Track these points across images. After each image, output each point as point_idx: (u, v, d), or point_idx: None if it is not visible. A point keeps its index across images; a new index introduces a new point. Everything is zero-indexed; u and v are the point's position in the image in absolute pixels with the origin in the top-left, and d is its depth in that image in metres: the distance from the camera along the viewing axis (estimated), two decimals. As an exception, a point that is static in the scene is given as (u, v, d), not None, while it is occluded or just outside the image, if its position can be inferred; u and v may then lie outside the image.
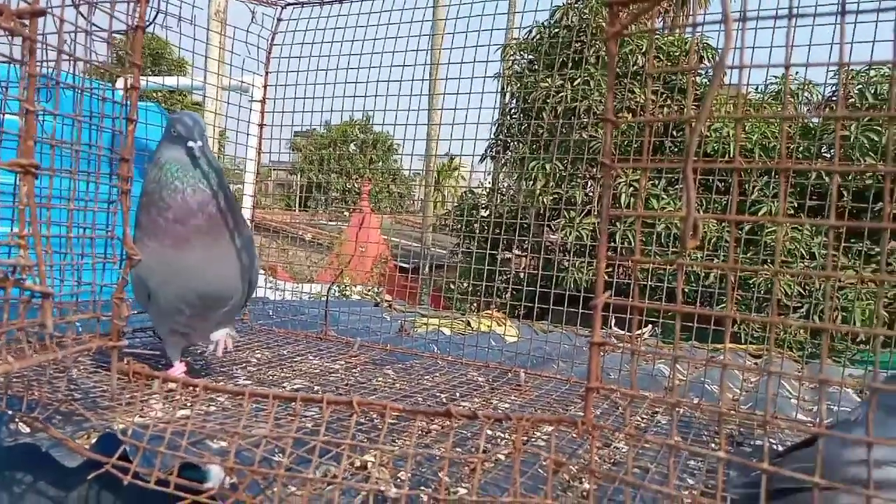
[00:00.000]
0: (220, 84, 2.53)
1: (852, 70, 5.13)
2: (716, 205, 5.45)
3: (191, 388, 0.98)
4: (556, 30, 6.35)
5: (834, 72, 4.80)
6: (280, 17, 2.11)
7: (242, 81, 3.09)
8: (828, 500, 0.75)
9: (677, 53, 6.36)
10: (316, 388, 1.50)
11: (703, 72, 6.41)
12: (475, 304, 4.45)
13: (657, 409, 1.54)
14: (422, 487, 0.97)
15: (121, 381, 1.19)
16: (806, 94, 5.75)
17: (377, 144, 15.59)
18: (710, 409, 1.51)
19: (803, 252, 5.29)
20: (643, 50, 6.39)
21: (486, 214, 5.59)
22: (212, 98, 2.42)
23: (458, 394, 1.55)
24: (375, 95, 2.19)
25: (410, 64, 2.14)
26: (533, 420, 0.81)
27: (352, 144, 15.43)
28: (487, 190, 6.50)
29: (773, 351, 2.44)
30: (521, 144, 6.06)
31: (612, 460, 1.23)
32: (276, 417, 1.20)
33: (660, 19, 7.70)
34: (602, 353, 2.28)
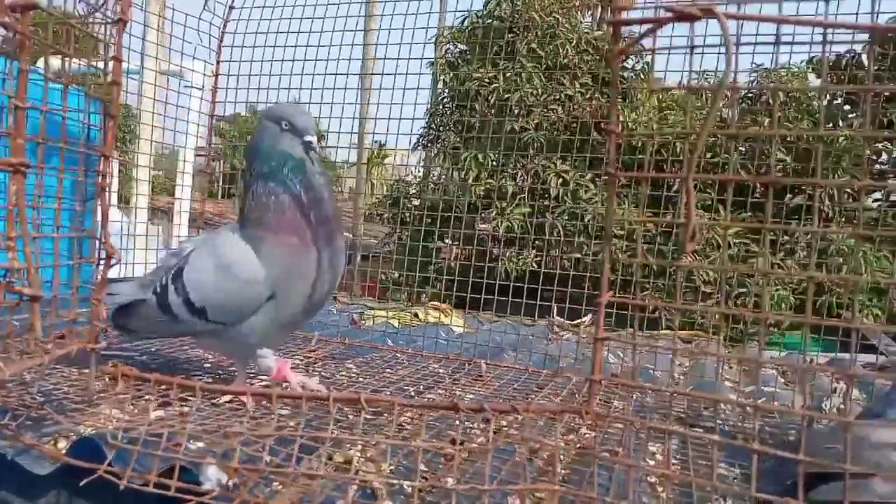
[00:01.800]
0: (159, 69, 2.44)
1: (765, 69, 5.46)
2: (638, 195, 5.67)
3: (185, 389, 0.97)
4: (489, 20, 6.41)
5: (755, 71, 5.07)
6: (232, 4, 2.06)
7: (181, 66, 2.98)
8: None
9: (605, 48, 6.53)
10: (284, 385, 1.50)
11: (629, 66, 6.63)
12: (408, 294, 4.48)
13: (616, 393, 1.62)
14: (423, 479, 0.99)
15: (106, 383, 1.16)
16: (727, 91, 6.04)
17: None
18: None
19: (719, 242, 5.59)
20: (573, 43, 6.54)
21: (417, 204, 5.61)
22: (150, 83, 2.34)
23: (422, 386, 1.59)
24: (302, 87, 2.17)
25: (346, 56, 2.13)
26: (539, 410, 0.85)
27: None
28: (419, 179, 6.52)
29: (705, 337, 2.60)
30: (453, 134, 6.10)
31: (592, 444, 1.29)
32: (254, 417, 1.20)
33: (588, 13, 7.88)
34: (551, 342, 2.35)
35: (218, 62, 2.08)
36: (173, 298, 1.28)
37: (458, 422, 1.31)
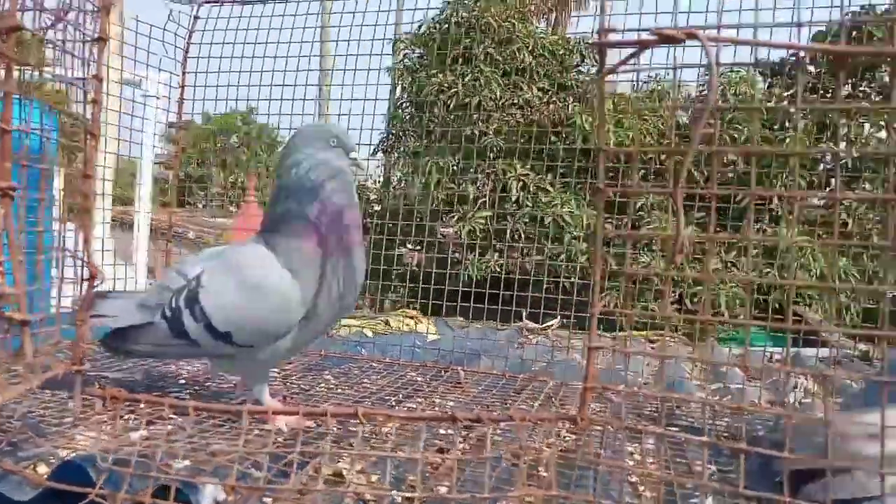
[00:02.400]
0: (121, 79, 2.39)
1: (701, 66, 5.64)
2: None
3: (174, 408, 0.96)
4: (447, 25, 6.44)
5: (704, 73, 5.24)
6: (197, 14, 2.03)
7: (138, 75, 2.93)
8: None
9: (562, 52, 6.65)
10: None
11: (584, 70, 6.77)
12: (370, 301, 4.47)
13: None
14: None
15: (92, 404, 1.13)
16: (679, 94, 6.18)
17: (261, 136, 15.06)
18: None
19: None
20: (530, 48, 6.62)
21: (378, 209, 5.60)
22: (115, 96, 2.29)
23: (402, 395, 1.60)
24: (260, 98, 2.16)
25: (304, 64, 2.14)
26: (534, 418, 0.88)
27: (234, 137, 14.78)
28: (380, 184, 6.50)
29: (670, 337, 2.67)
30: (412, 139, 6.11)
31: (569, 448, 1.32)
32: (231, 433, 1.19)
33: (543, 19, 7.98)
34: (522, 346, 2.39)
35: (184, 73, 2.05)
36: (190, 323, 1.23)
37: (441, 430, 1.33)
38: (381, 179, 6.47)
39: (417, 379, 1.77)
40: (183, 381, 1.65)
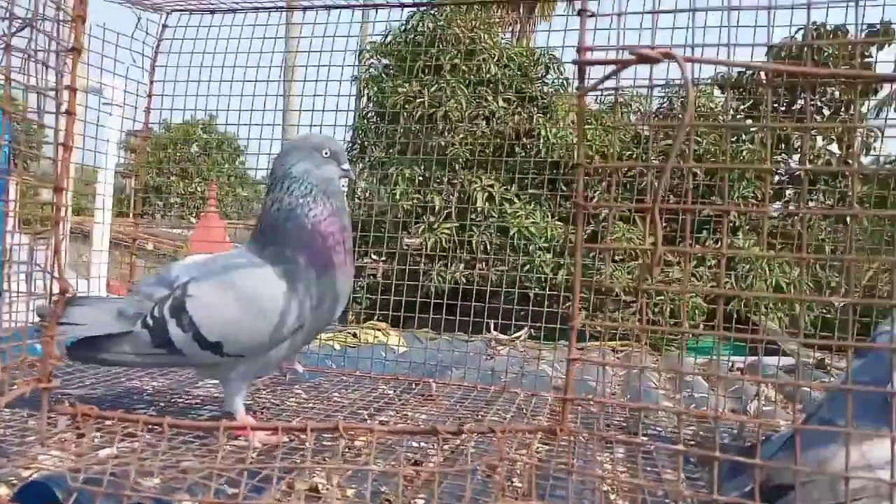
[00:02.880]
0: (87, 88, 2.33)
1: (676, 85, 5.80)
2: (560, 207, 5.86)
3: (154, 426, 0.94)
4: (412, 36, 6.47)
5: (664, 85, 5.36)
6: (165, 23, 2.01)
7: (101, 83, 2.86)
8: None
9: (526, 64, 6.74)
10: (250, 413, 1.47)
11: (549, 81, 6.87)
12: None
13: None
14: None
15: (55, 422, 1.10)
16: (637, 104, 6.30)
17: (222, 145, 14.82)
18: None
19: (637, 254, 5.82)
20: (495, 59, 6.69)
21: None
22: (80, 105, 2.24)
23: (373, 409, 1.59)
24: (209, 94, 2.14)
25: (269, 73, 2.13)
26: (514, 430, 0.88)
27: (194, 145, 14.52)
28: (345, 193, 6.44)
29: (638, 348, 2.71)
30: (377, 149, 6.11)
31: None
32: (213, 449, 1.17)
33: (509, 30, 8.07)
34: (494, 357, 2.41)
35: (152, 82, 2.02)
36: (177, 333, 1.21)
37: (414, 443, 1.33)
38: (346, 189, 6.41)
39: (389, 392, 1.77)
40: (149, 398, 1.62)
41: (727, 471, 1.10)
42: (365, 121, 6.74)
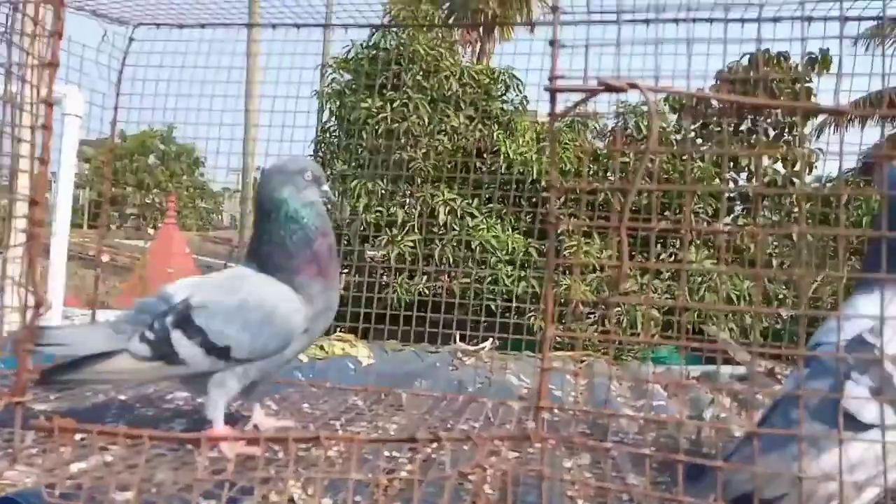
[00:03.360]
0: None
1: (629, 104, 5.99)
2: (520, 221, 5.94)
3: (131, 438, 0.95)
4: (375, 52, 6.51)
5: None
6: (132, 36, 2.01)
7: (63, 94, 2.82)
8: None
9: (487, 81, 6.85)
10: (207, 425, 1.47)
11: (508, 99, 6.99)
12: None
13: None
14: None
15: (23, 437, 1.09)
16: (594, 123, 6.46)
17: (181, 156, 14.58)
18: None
19: (595, 265, 5.95)
20: (457, 76, 6.79)
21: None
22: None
23: (344, 420, 1.61)
24: (176, 108, 2.15)
25: (233, 90, 2.15)
26: (491, 438, 0.92)
27: (151, 156, 14.25)
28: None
29: (599, 358, 2.79)
30: (340, 162, 6.12)
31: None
32: (186, 462, 1.18)
33: (468, 48, 8.19)
34: (459, 367, 2.44)
35: (118, 94, 2.01)
36: (183, 342, 1.27)
37: (386, 453, 1.36)
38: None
39: (359, 403, 1.79)
40: (116, 411, 1.61)
41: (687, 476, 1.16)
42: (327, 135, 6.75)
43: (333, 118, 6.84)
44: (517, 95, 6.82)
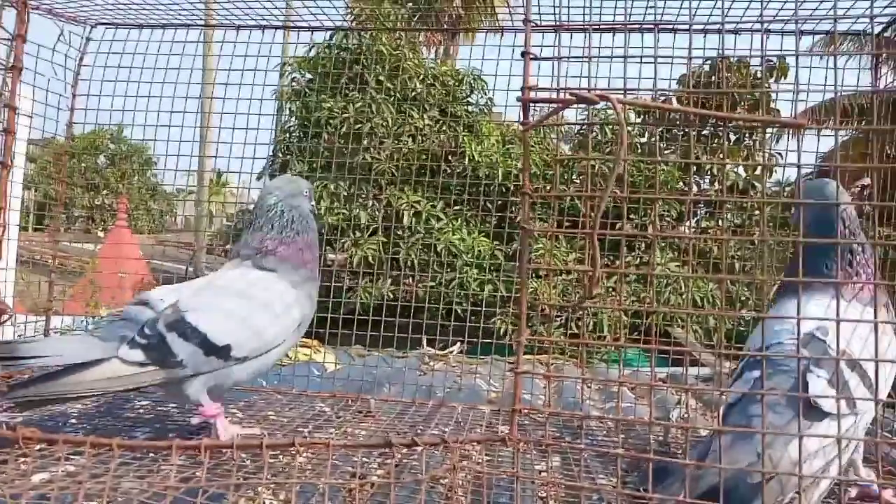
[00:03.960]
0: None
1: (595, 109, 6.07)
2: (486, 224, 5.96)
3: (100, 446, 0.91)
4: (337, 52, 6.46)
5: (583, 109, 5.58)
6: (90, 36, 1.95)
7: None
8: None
9: (451, 83, 6.86)
10: (171, 434, 1.44)
11: (473, 101, 7.02)
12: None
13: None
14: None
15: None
16: (562, 128, 6.54)
17: (132, 156, 14.20)
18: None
19: (561, 268, 6.00)
20: (420, 77, 6.78)
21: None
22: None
23: (312, 426, 1.59)
24: (135, 110, 2.10)
25: (189, 90, 2.11)
26: (465, 441, 0.92)
27: (101, 156, 13.85)
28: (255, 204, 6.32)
29: (558, 359, 2.81)
30: (301, 163, 6.05)
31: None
32: (152, 470, 1.15)
33: (433, 49, 8.19)
34: (427, 372, 2.44)
35: (74, 95, 1.95)
36: (180, 343, 1.29)
37: (355, 458, 1.34)
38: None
39: (326, 409, 1.77)
40: (74, 421, 1.56)
41: (656, 475, 1.18)
42: (287, 135, 6.66)
43: (294, 118, 6.76)
44: (482, 97, 6.85)
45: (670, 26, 1.66)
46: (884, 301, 1.17)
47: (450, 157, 6.18)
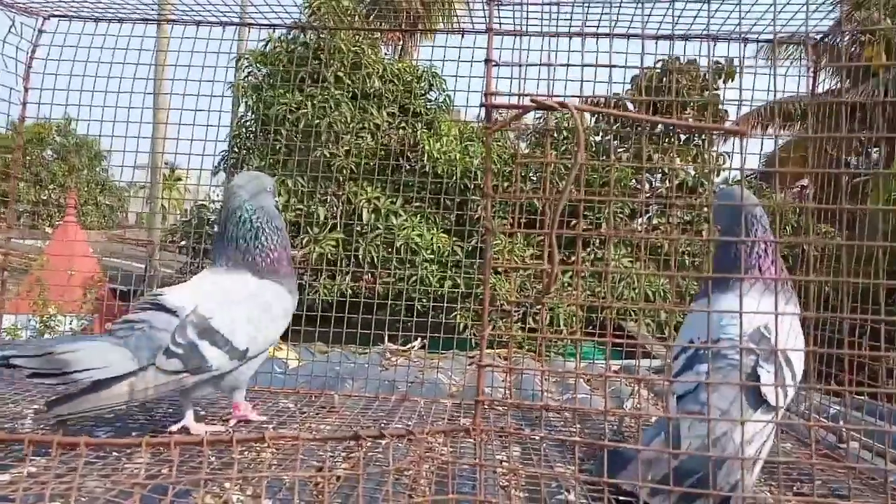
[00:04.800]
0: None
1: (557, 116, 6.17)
2: (445, 221, 5.99)
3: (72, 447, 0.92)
4: (294, 46, 6.39)
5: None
6: (42, 28, 1.91)
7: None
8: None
9: (409, 79, 6.87)
10: (135, 432, 1.44)
11: (432, 98, 7.04)
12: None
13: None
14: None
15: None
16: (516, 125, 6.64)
17: (81, 150, 13.76)
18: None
19: (517, 261, 6.09)
20: (379, 73, 6.76)
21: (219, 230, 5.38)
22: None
23: (276, 423, 1.60)
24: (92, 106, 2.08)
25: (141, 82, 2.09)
26: (431, 432, 0.96)
27: (48, 149, 13.39)
28: (222, 204, 6.24)
29: (515, 352, 2.87)
30: (257, 158, 5.98)
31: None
32: (116, 468, 1.15)
33: (392, 46, 8.17)
34: (389, 367, 2.46)
35: (26, 89, 1.91)
36: (212, 351, 1.38)
37: (321, 452, 1.37)
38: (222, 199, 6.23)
39: (290, 406, 1.78)
40: (30, 422, 1.54)
41: (611, 460, 1.25)
42: (244, 130, 6.57)
43: (251, 113, 6.67)
44: (441, 94, 6.88)
45: (625, 33, 1.76)
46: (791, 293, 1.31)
47: (409, 154, 6.20)
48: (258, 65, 6.87)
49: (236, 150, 6.32)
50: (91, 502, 0.99)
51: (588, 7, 1.59)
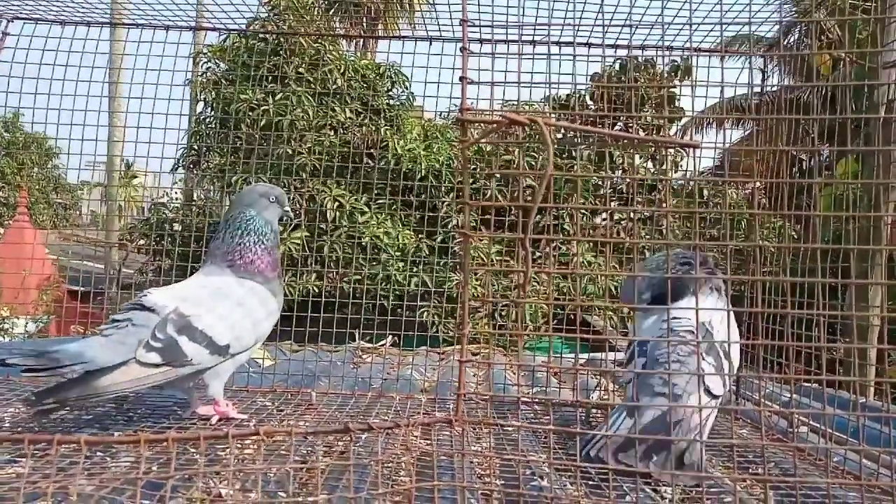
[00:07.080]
0: None
1: (513, 102, 6.26)
2: (410, 218, 6.04)
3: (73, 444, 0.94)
4: (254, 42, 6.33)
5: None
6: (6, 31, 1.89)
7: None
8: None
9: (373, 77, 6.87)
10: (115, 433, 1.46)
11: (395, 95, 7.06)
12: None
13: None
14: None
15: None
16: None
17: (31, 146, 13.35)
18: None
19: (483, 258, 6.15)
20: (342, 70, 6.74)
21: (179, 229, 5.34)
22: None
23: (255, 421, 1.64)
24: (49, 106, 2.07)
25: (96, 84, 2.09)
26: (417, 424, 1.01)
27: (-6, 146, 12.96)
28: (181, 202, 6.18)
29: (489, 348, 2.94)
30: (218, 156, 5.92)
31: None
32: (97, 463, 1.18)
33: (352, 44, 8.13)
34: (361, 365, 2.50)
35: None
36: (191, 346, 1.45)
37: (302, 448, 1.41)
38: (181, 197, 6.18)
39: (267, 404, 1.82)
40: (8, 425, 1.55)
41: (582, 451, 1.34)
42: (202, 126, 6.48)
43: (210, 109, 6.58)
44: (403, 91, 6.90)
45: (586, 42, 1.93)
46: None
47: (372, 151, 6.20)
48: (217, 60, 6.78)
49: (195, 147, 6.24)
50: (84, 500, 1.02)
51: (552, 22, 1.70)
